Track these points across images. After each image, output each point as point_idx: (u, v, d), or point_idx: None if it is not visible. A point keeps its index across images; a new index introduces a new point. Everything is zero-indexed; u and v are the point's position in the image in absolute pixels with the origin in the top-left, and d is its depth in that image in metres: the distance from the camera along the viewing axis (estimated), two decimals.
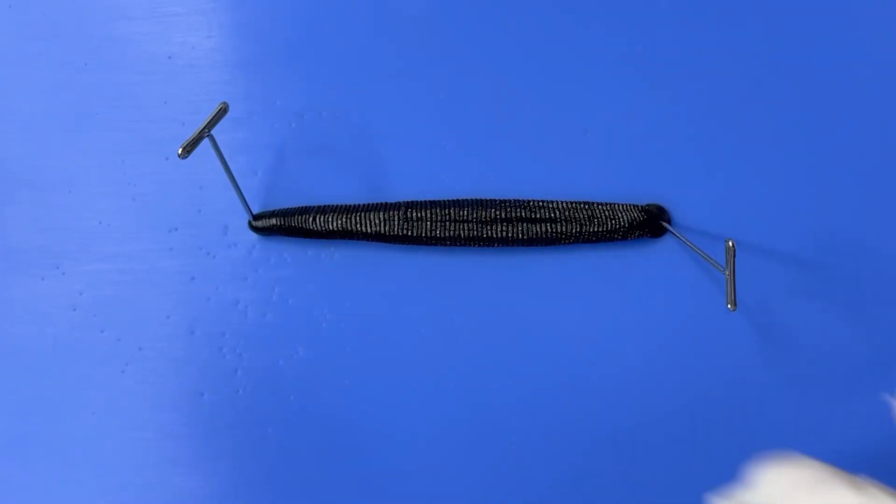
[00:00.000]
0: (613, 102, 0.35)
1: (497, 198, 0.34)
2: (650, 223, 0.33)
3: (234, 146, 0.36)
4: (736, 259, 0.29)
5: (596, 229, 0.33)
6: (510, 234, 0.33)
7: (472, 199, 0.34)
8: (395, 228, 0.34)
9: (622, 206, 0.34)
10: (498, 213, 0.34)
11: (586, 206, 0.34)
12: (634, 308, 0.34)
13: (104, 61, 0.37)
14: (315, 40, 0.36)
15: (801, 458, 0.27)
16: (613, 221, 0.33)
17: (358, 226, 0.34)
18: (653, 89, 0.35)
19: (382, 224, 0.34)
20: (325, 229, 0.34)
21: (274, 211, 0.35)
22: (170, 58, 0.37)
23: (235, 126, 0.36)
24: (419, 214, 0.34)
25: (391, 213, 0.34)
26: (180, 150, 0.28)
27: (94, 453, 0.36)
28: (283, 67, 0.36)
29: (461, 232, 0.34)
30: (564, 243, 0.34)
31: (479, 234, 0.34)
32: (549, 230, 0.33)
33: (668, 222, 0.33)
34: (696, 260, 0.33)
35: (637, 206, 0.33)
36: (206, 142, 0.30)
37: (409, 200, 0.35)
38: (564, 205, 0.34)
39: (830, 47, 0.34)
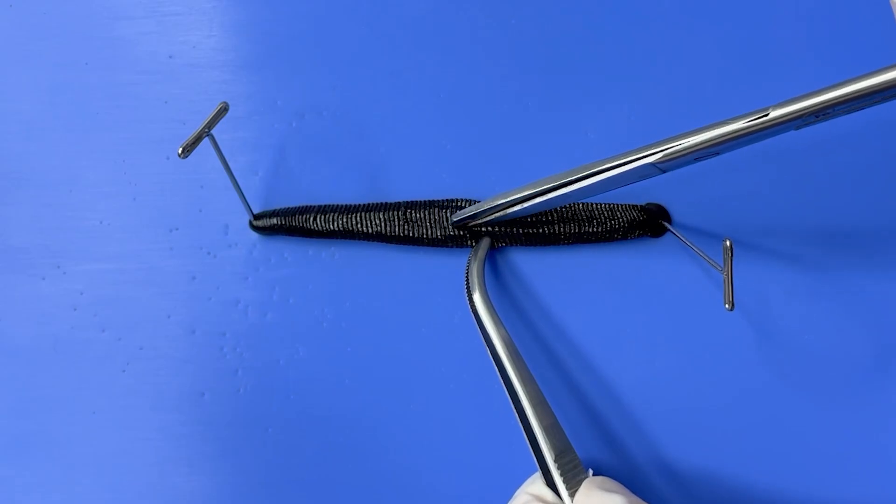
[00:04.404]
0: (613, 102, 0.35)
1: None
2: (650, 223, 0.33)
3: (235, 146, 0.36)
4: (734, 259, 0.29)
5: (596, 229, 0.33)
6: (510, 235, 0.34)
7: (472, 200, 0.34)
8: (396, 228, 0.34)
9: (622, 205, 0.34)
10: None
11: (585, 207, 0.34)
12: (634, 308, 0.34)
13: (104, 61, 0.37)
14: (316, 40, 0.36)
15: (614, 486, 0.27)
16: (613, 221, 0.33)
17: (358, 226, 0.34)
18: (652, 89, 0.35)
19: (383, 224, 0.34)
20: (326, 229, 0.34)
21: (275, 210, 0.35)
22: (170, 57, 0.37)
23: (236, 126, 0.36)
24: (419, 214, 0.34)
25: (391, 213, 0.34)
26: (180, 149, 0.28)
27: (95, 453, 0.36)
28: (284, 67, 0.36)
29: (461, 232, 0.34)
30: (564, 243, 0.34)
31: (480, 234, 0.34)
32: (549, 230, 0.33)
33: (669, 222, 0.33)
34: (696, 260, 0.33)
35: (637, 206, 0.33)
36: (206, 141, 0.30)
37: (409, 200, 0.35)
38: (564, 205, 0.34)
39: (827, 46, 0.34)
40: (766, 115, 0.23)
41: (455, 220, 0.33)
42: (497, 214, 0.32)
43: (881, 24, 0.34)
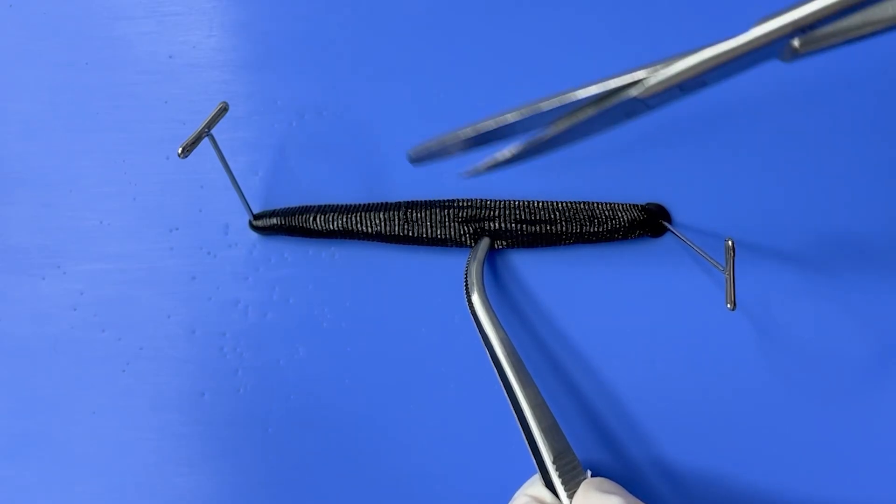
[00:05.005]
0: None
1: (497, 198, 0.34)
2: (650, 223, 0.33)
3: (235, 146, 0.36)
4: (736, 258, 0.29)
5: (596, 229, 0.33)
6: (510, 234, 0.34)
7: (472, 199, 0.34)
8: (396, 228, 0.34)
9: (622, 205, 0.33)
10: (498, 213, 0.34)
11: (586, 206, 0.34)
12: (634, 308, 0.34)
13: (104, 61, 0.37)
14: (316, 40, 0.36)
15: (613, 487, 0.27)
16: (614, 221, 0.33)
17: (358, 225, 0.34)
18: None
19: (383, 224, 0.34)
20: (326, 229, 0.34)
21: (275, 210, 0.35)
22: (170, 57, 0.37)
23: (236, 126, 0.36)
24: (419, 214, 0.34)
25: (391, 213, 0.34)
26: (180, 149, 0.28)
27: (94, 453, 0.36)
28: (284, 67, 0.36)
29: (461, 232, 0.34)
30: (565, 243, 0.34)
31: (480, 234, 0.34)
32: (549, 230, 0.33)
33: (669, 222, 0.33)
34: (696, 260, 0.33)
35: (637, 206, 0.33)
36: (206, 141, 0.30)
37: (409, 200, 0.35)
38: (564, 205, 0.34)
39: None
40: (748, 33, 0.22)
41: (413, 156, 0.30)
42: (463, 147, 0.29)
43: None
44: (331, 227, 0.34)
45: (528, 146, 0.28)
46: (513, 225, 0.33)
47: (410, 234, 0.34)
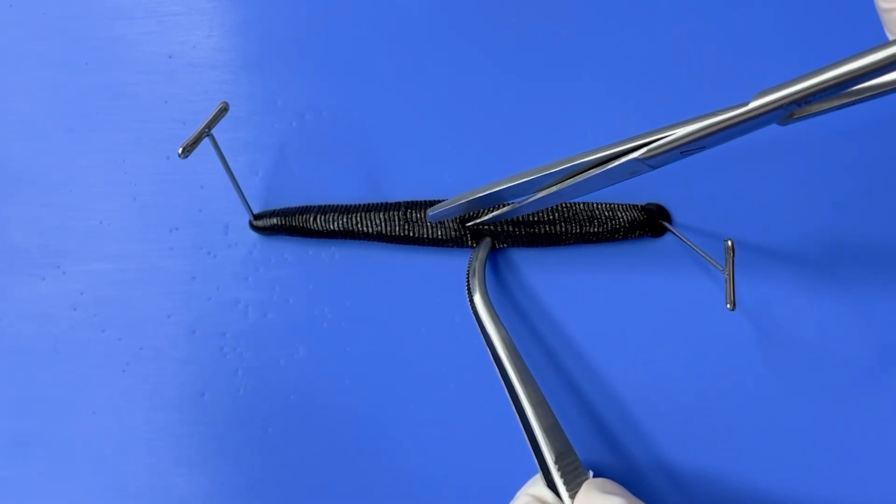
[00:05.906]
0: (613, 102, 0.35)
1: None
2: (650, 223, 0.33)
3: (235, 146, 0.36)
4: (735, 258, 0.29)
5: (597, 229, 0.33)
6: (510, 235, 0.34)
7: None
8: (396, 228, 0.34)
9: (622, 205, 0.33)
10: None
11: (586, 207, 0.34)
12: (634, 308, 0.34)
13: (104, 61, 0.37)
14: (316, 40, 0.36)
15: (614, 487, 0.27)
16: (614, 222, 0.33)
17: (358, 226, 0.34)
18: (653, 88, 0.35)
19: (383, 224, 0.34)
20: (326, 229, 0.34)
21: (275, 210, 0.35)
22: (170, 57, 0.37)
23: (236, 126, 0.36)
24: (419, 215, 0.34)
25: (391, 213, 0.34)
26: (180, 149, 0.28)
27: (95, 453, 0.36)
28: (285, 67, 0.36)
29: (462, 232, 0.34)
30: (565, 244, 0.34)
31: (480, 234, 0.34)
32: (550, 231, 0.33)
33: (669, 222, 0.33)
34: (696, 260, 0.33)
35: (637, 206, 0.33)
36: (206, 141, 0.30)
37: (410, 200, 0.35)
38: (564, 205, 0.34)
39: (826, 50, 0.34)
40: (746, 104, 0.23)
41: (431, 214, 0.33)
42: (489, 215, 0.32)
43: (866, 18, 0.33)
44: (331, 227, 0.34)
45: (532, 201, 0.30)
46: (513, 226, 0.33)
47: (411, 234, 0.34)
